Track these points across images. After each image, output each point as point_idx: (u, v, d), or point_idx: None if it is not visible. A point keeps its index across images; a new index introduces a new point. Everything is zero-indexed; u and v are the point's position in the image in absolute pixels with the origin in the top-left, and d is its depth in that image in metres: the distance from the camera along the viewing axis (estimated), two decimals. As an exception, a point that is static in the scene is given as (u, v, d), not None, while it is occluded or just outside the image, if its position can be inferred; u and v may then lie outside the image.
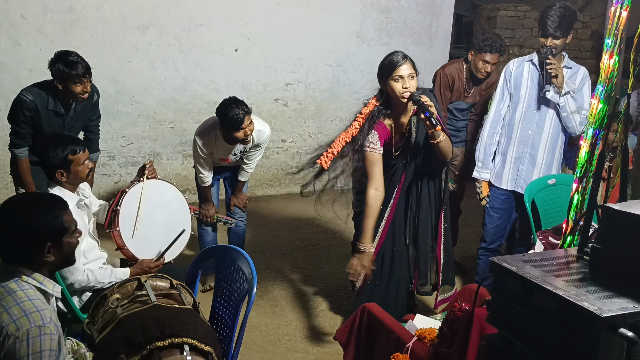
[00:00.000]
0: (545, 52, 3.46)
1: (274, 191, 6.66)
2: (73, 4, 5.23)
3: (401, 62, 3.00)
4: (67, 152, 2.77)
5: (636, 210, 1.40)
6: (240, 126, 3.53)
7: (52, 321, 1.82)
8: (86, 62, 3.51)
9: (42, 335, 1.76)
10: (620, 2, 1.89)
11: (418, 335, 2.42)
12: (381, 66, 3.10)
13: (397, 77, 3.00)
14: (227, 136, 3.65)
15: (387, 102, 3.16)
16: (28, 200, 2.16)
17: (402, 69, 2.99)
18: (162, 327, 1.97)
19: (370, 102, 3.22)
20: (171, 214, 3.23)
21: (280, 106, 6.43)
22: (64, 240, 1.98)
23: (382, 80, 3.11)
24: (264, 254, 4.85)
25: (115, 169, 5.81)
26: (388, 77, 3.04)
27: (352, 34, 6.53)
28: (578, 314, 1.27)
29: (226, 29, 5.91)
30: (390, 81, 3.02)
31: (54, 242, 1.94)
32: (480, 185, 3.92)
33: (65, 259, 2.04)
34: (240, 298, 2.41)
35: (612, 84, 1.96)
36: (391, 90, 3.05)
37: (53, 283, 1.97)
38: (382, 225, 3.34)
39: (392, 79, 3.01)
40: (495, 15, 7.96)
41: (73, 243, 2.04)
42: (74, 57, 3.47)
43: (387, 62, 3.05)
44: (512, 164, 3.75)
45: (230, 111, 3.49)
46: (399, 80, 3.00)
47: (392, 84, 3.02)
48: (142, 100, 5.75)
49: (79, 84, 3.47)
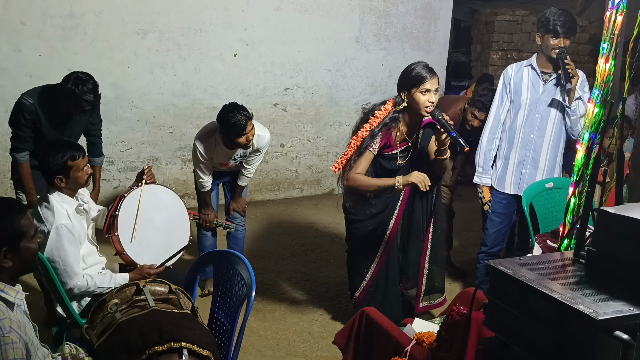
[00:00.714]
0: (561, 52, 3.48)
1: (273, 196, 6.67)
2: (73, 10, 5.25)
3: (430, 76, 3.04)
4: (67, 157, 2.78)
5: (631, 214, 1.41)
6: (242, 132, 3.53)
7: (12, 330, 1.75)
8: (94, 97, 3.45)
9: (3, 345, 1.71)
10: (615, 6, 1.91)
11: (416, 339, 2.42)
12: (407, 76, 3.10)
13: (424, 90, 3.03)
14: (227, 141, 3.66)
15: (403, 110, 3.18)
16: None
17: (430, 83, 3.03)
18: (160, 332, 1.97)
19: (384, 107, 3.19)
20: (170, 218, 3.24)
21: (279, 111, 6.45)
22: (21, 245, 1.93)
23: (405, 90, 3.11)
24: (263, 258, 4.85)
25: (114, 174, 5.82)
26: (413, 88, 3.06)
27: (351, 39, 6.56)
28: (574, 317, 1.28)
29: (225, 34, 5.93)
30: (417, 93, 3.05)
31: (10, 247, 1.89)
32: (482, 190, 3.93)
33: (25, 265, 1.98)
34: (239, 302, 2.41)
35: (608, 88, 1.98)
36: (414, 102, 3.07)
37: (16, 290, 1.90)
38: (388, 232, 3.35)
39: (419, 90, 3.04)
40: (493, 20, 7.99)
41: (33, 248, 1.98)
42: (88, 96, 3.41)
43: (415, 74, 3.06)
44: (514, 168, 3.76)
45: (233, 117, 3.49)
46: (425, 93, 3.03)
47: (418, 96, 3.05)
48: (141, 105, 5.76)
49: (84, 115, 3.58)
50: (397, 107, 3.17)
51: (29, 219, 2.00)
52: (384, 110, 3.19)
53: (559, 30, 3.44)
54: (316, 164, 6.80)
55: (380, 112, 3.19)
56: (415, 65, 3.11)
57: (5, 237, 1.89)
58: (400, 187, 3.14)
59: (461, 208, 4.87)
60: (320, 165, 6.83)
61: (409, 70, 3.11)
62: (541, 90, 3.61)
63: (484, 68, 8.08)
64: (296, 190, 6.81)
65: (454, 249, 4.90)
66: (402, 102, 3.15)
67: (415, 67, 3.09)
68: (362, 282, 3.45)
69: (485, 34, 8.22)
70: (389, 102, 3.22)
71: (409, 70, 3.11)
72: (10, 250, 1.90)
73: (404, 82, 3.12)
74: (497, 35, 8.01)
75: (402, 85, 3.13)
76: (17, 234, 1.92)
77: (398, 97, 3.18)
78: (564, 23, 3.45)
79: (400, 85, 3.15)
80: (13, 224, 1.92)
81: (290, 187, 6.76)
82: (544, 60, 3.60)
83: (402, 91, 3.13)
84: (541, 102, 3.62)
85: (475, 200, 4.21)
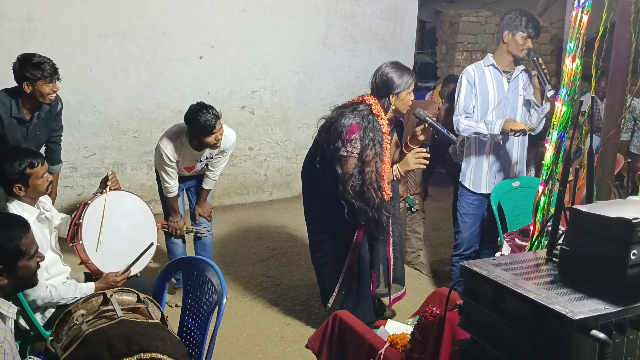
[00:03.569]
0: (533, 53, 3.53)
1: (242, 200, 6.60)
2: (31, 13, 5.11)
3: (414, 76, 3.20)
4: (25, 165, 2.68)
5: (603, 212, 1.41)
6: (212, 131, 3.48)
7: (5, 340, 1.75)
8: (51, 61, 3.51)
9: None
10: (581, 6, 1.93)
11: (390, 341, 2.41)
12: (395, 81, 3.12)
13: (410, 91, 3.16)
14: (195, 142, 3.59)
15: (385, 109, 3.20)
16: None
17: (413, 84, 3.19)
18: (129, 343, 1.90)
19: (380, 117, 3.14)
20: (136, 225, 3.16)
21: (246, 114, 6.39)
22: (19, 264, 1.89)
23: (394, 93, 3.15)
24: (233, 263, 4.79)
25: (77, 180, 5.68)
26: (404, 91, 3.14)
27: (317, 41, 6.55)
28: (549, 316, 1.27)
29: (190, 36, 5.85)
30: (406, 94, 3.16)
31: (7, 266, 1.86)
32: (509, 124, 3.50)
33: (22, 283, 1.96)
34: (210, 310, 2.37)
35: (575, 87, 2.00)
36: (401, 104, 3.17)
37: (8, 304, 1.89)
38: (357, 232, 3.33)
39: (408, 91, 3.15)
40: (457, 21, 8.08)
41: (31, 267, 1.95)
42: (39, 58, 3.47)
43: (405, 77, 3.14)
44: (489, 168, 3.77)
45: (202, 116, 3.43)
46: (411, 93, 3.16)
47: (407, 98, 3.17)
48: (104, 110, 5.64)
49: (48, 84, 3.46)
50: (387, 113, 3.19)
51: (30, 237, 1.97)
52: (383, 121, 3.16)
53: (532, 32, 3.49)
54: (285, 166, 6.76)
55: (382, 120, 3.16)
56: (395, 68, 3.15)
57: (2, 256, 1.86)
58: (399, 176, 3.21)
59: (430, 208, 4.89)
60: (290, 168, 6.79)
61: (392, 74, 3.13)
62: (506, 88, 3.64)
63: (449, 69, 8.15)
64: (265, 193, 6.76)
65: (424, 248, 4.93)
66: (390, 107, 3.18)
67: (398, 71, 3.14)
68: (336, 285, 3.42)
69: (450, 35, 8.30)
70: (380, 111, 3.16)
71: (393, 74, 3.13)
72: (6, 269, 1.87)
73: (391, 86, 3.13)
74: (461, 37, 8.10)
75: (390, 90, 3.14)
76: (15, 253, 1.89)
77: (386, 102, 3.17)
78: (537, 26, 3.52)
79: (388, 90, 3.14)
80: (11, 242, 1.89)
81: (260, 191, 6.71)
82: (506, 60, 3.62)
83: (389, 95, 3.15)
84: (508, 100, 3.65)
85: (444, 200, 4.23)
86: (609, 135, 2.20)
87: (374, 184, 3.07)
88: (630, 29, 2.07)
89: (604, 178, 2.10)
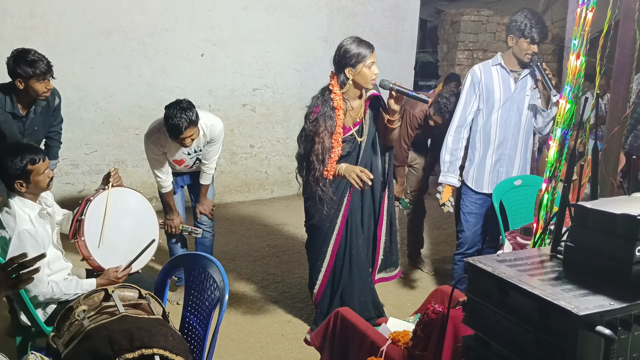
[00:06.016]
0: (537, 58, 3.52)
1: (243, 197, 6.59)
2: (34, 9, 5.10)
3: (372, 49, 3.11)
4: (26, 161, 2.67)
5: (608, 208, 1.41)
6: (178, 135, 3.36)
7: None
8: (47, 59, 3.47)
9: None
10: (585, 3, 1.92)
11: (392, 339, 2.40)
12: (349, 54, 3.09)
13: (370, 64, 3.09)
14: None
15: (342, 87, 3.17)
16: None
17: (373, 55, 3.11)
18: (131, 339, 1.90)
19: (335, 94, 3.16)
20: (138, 222, 3.15)
21: (248, 111, 6.39)
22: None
23: (349, 67, 3.10)
24: (234, 261, 4.79)
25: (79, 177, 5.68)
26: (359, 64, 3.08)
27: (319, 39, 6.54)
28: (555, 312, 1.27)
29: (192, 34, 5.85)
30: (363, 68, 3.09)
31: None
32: (442, 190, 3.83)
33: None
34: (212, 306, 2.36)
35: (579, 85, 1.99)
36: (361, 78, 3.11)
37: None
38: (337, 226, 3.33)
39: (366, 65, 3.08)
40: (459, 20, 8.08)
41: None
42: (35, 55, 3.45)
43: (358, 50, 3.08)
44: (492, 168, 3.74)
45: (173, 117, 3.32)
46: (370, 66, 3.10)
47: (364, 71, 3.09)
48: (106, 106, 5.64)
49: (41, 82, 3.43)
50: (344, 87, 3.16)
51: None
52: (335, 96, 3.15)
53: (536, 37, 3.47)
54: (286, 164, 6.75)
55: (334, 95, 3.15)
56: (351, 41, 3.13)
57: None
58: (337, 175, 3.18)
59: (431, 206, 4.88)
60: (291, 166, 6.75)
61: (348, 47, 3.11)
62: (513, 88, 3.62)
63: (450, 68, 8.16)
64: (266, 191, 6.75)
65: (425, 246, 4.92)
66: (347, 81, 3.14)
67: (354, 43, 3.11)
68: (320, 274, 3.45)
69: (451, 34, 8.30)
70: (334, 86, 3.17)
71: (348, 47, 3.11)
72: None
73: (346, 60, 3.11)
74: (463, 35, 8.10)
75: (345, 63, 3.11)
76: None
77: (342, 77, 3.15)
78: (541, 30, 3.48)
79: (343, 64, 3.12)
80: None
81: (261, 188, 6.70)
82: (514, 61, 3.61)
83: (345, 69, 3.12)
84: (514, 100, 3.63)
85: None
86: (612, 132, 2.19)
87: (320, 155, 3.12)
88: (635, 26, 2.06)
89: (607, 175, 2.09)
